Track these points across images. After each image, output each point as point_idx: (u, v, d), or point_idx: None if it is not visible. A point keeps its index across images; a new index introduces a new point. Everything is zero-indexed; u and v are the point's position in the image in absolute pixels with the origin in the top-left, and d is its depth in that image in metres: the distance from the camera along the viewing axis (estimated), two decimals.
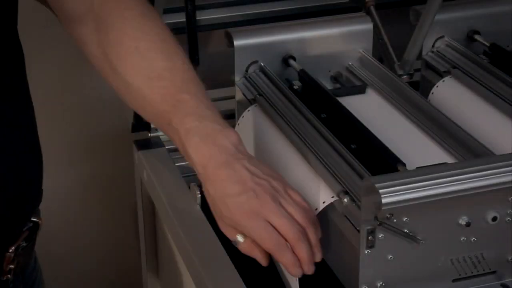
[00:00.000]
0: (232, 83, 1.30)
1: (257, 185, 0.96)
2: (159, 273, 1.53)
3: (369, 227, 0.90)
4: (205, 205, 1.19)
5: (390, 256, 0.92)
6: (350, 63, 1.28)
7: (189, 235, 1.10)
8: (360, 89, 1.23)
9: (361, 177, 0.99)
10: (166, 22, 1.12)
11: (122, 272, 2.07)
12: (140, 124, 1.46)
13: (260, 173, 0.98)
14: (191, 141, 1.00)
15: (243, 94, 1.26)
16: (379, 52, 1.44)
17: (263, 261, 0.98)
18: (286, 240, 0.95)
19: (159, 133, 1.46)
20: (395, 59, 1.40)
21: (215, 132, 1.00)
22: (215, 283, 1.05)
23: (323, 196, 1.01)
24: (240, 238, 0.97)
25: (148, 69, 1.04)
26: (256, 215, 0.94)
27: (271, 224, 0.95)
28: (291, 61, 1.25)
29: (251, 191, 0.95)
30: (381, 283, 0.93)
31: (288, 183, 1.01)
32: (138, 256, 1.57)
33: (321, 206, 1.00)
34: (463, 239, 0.94)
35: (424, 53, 1.33)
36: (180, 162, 1.35)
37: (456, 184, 0.89)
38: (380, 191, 0.87)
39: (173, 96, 1.03)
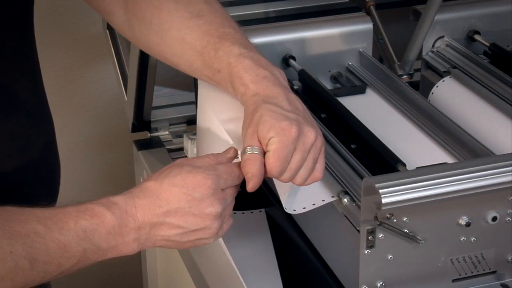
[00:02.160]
0: None
1: (306, 120, 0.93)
2: (158, 272, 1.53)
3: (369, 227, 0.90)
4: None
5: (390, 256, 0.92)
6: (350, 63, 1.28)
7: None
8: (360, 89, 1.23)
9: (361, 177, 0.99)
10: None
11: (122, 271, 2.07)
12: (140, 124, 1.46)
13: (310, 116, 0.96)
14: (243, 63, 0.97)
15: None
16: (379, 52, 1.44)
17: (252, 183, 0.91)
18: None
19: (159, 133, 1.46)
20: (395, 59, 1.40)
21: (265, 61, 0.99)
22: (215, 282, 1.05)
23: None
24: (249, 150, 0.92)
25: (185, 11, 1.02)
26: (290, 135, 0.90)
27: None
28: (291, 61, 1.25)
29: (301, 117, 0.93)
30: (381, 283, 0.93)
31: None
32: (138, 255, 1.57)
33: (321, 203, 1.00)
34: (463, 239, 0.94)
35: (424, 53, 1.33)
36: None
37: (456, 184, 0.89)
38: (380, 191, 0.87)
39: (217, 30, 1.00)
